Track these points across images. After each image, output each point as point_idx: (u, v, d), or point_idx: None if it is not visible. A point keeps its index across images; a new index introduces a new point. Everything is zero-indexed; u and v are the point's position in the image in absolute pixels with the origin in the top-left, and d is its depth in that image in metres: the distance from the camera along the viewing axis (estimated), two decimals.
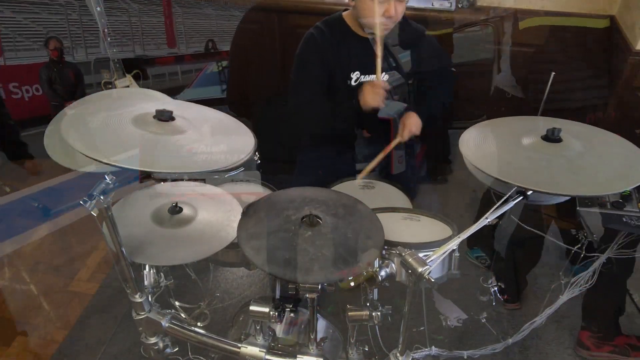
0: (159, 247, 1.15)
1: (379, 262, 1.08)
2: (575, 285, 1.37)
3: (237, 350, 1.09)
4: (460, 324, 1.57)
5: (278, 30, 2.59)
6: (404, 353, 1.06)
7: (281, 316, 1.09)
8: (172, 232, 1.19)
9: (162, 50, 7.95)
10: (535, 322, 1.36)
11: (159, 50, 8.24)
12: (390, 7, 1.39)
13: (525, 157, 1.03)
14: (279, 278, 1.04)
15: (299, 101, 1.59)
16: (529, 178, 0.95)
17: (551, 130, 1.05)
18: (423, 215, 1.35)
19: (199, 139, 1.03)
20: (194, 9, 10.57)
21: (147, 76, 3.26)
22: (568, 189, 0.94)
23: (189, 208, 1.26)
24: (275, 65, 2.58)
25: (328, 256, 0.96)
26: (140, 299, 1.12)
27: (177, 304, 1.38)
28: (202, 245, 1.15)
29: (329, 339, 1.24)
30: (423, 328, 1.36)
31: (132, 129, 0.97)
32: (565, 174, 0.97)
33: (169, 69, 6.89)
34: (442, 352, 1.21)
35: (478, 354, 1.25)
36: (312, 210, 1.07)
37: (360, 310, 1.09)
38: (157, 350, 1.18)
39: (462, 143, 1.11)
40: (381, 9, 1.39)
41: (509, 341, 1.32)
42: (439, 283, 1.16)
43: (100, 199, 0.94)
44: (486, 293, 1.36)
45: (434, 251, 0.98)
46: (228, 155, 1.01)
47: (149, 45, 8.51)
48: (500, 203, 0.99)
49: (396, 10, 1.40)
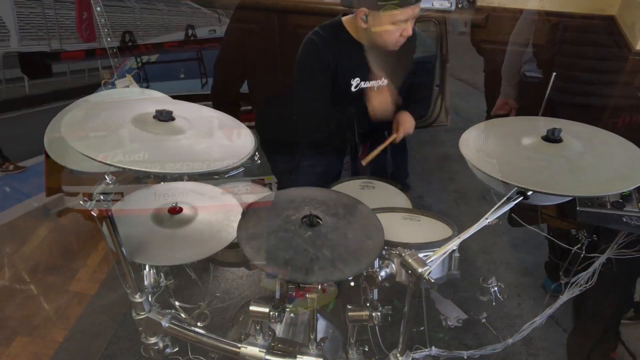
0: (159, 247, 1.15)
1: (379, 262, 1.08)
2: (575, 285, 1.37)
3: (237, 350, 1.09)
4: (460, 324, 1.57)
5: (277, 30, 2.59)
6: (404, 353, 1.06)
7: (281, 316, 1.09)
8: (172, 232, 1.19)
9: (83, 45, 7.49)
10: (535, 322, 1.35)
11: (80, 44, 7.65)
12: (408, 28, 1.39)
13: (525, 157, 1.03)
14: (279, 278, 1.04)
15: (303, 107, 1.59)
16: (529, 178, 0.95)
17: (551, 131, 1.04)
18: (423, 215, 1.35)
19: (199, 139, 1.03)
20: (115, 0, 9.89)
21: (51, 72, 2.91)
22: (568, 189, 0.93)
23: (189, 208, 1.26)
24: (274, 65, 2.59)
25: (328, 256, 0.96)
26: (140, 299, 1.12)
27: (177, 304, 1.38)
28: (202, 245, 1.15)
29: (329, 339, 1.24)
30: (423, 328, 1.36)
31: (132, 129, 0.97)
32: (565, 174, 0.97)
33: (90, 64, 6.04)
34: (442, 352, 1.21)
35: (478, 354, 1.25)
36: (312, 210, 1.07)
37: (360, 310, 1.09)
38: (157, 350, 1.18)
39: (462, 143, 1.11)
40: (399, 31, 1.39)
41: (509, 341, 1.31)
42: (439, 283, 1.16)
43: (100, 198, 0.94)
44: (486, 293, 1.36)
45: (434, 251, 0.98)
46: (228, 155, 1.01)
47: (68, 40, 7.74)
48: (501, 203, 0.99)
49: (411, 27, 1.41)
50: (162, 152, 0.95)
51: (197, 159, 0.96)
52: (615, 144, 1.08)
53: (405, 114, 1.60)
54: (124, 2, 10.23)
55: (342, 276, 0.94)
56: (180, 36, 2.98)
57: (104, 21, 1.87)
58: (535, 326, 1.35)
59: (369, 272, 1.05)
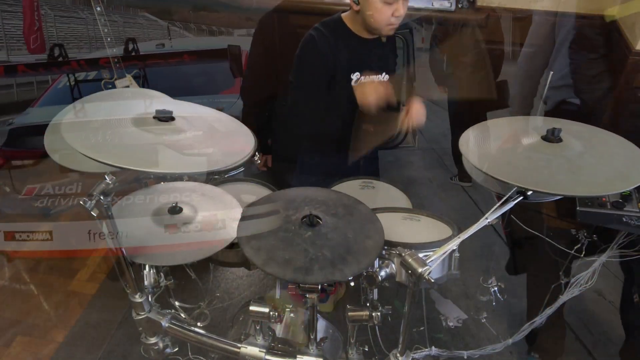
0: (159, 247, 1.15)
1: (379, 262, 1.08)
2: (575, 285, 1.37)
3: (237, 350, 1.08)
4: (460, 324, 1.57)
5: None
6: (404, 353, 1.06)
7: (281, 316, 1.09)
8: (172, 232, 1.19)
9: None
10: (535, 322, 1.35)
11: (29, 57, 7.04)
12: (400, 7, 1.40)
13: (525, 157, 1.03)
14: (279, 278, 1.04)
15: (298, 102, 1.59)
16: (529, 178, 0.95)
17: (551, 130, 1.05)
18: (423, 215, 1.35)
19: (199, 139, 1.03)
20: (70, 11, 9.67)
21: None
22: (568, 189, 0.94)
23: (189, 208, 1.26)
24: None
25: (328, 256, 0.96)
26: (140, 299, 1.12)
27: (177, 304, 1.38)
28: (202, 245, 1.15)
29: (329, 339, 1.24)
30: (423, 328, 1.36)
31: (132, 129, 0.97)
32: (565, 174, 0.97)
33: (20, 80, 5.50)
34: (442, 352, 1.21)
35: (478, 354, 1.25)
36: (312, 210, 1.07)
37: (360, 310, 1.09)
38: (157, 350, 1.18)
39: (462, 143, 1.11)
40: (390, 10, 1.40)
41: (509, 341, 1.32)
42: (439, 283, 1.16)
43: (100, 199, 0.94)
44: (486, 293, 1.36)
45: (434, 251, 0.98)
46: (228, 155, 1.01)
47: (19, 51, 7.37)
48: (501, 203, 0.99)
49: (403, 8, 1.42)
50: (162, 152, 0.95)
51: (197, 159, 0.97)
52: (615, 144, 1.08)
53: (416, 99, 1.55)
54: (76, 13, 10.02)
55: (342, 276, 0.94)
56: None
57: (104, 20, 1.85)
58: (535, 326, 1.35)
59: (369, 272, 1.05)
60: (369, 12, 1.43)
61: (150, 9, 4.09)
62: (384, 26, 1.45)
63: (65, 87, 2.93)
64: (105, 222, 0.99)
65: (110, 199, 0.97)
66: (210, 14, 8.22)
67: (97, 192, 0.94)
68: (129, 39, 2.54)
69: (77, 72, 2.75)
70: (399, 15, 1.41)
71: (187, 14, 8.20)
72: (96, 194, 0.94)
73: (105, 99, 1.24)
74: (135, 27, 11.33)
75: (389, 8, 1.40)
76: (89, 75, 2.94)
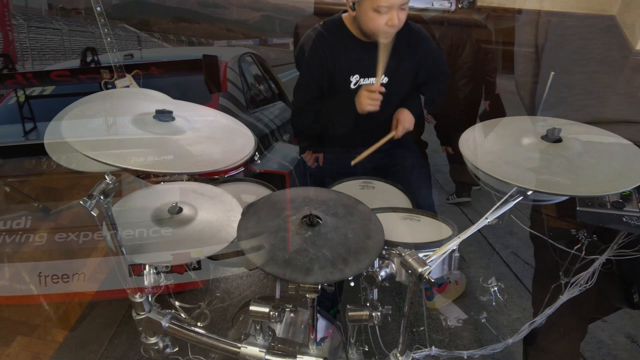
0: (159, 247, 1.15)
1: (379, 262, 1.08)
2: (575, 285, 1.36)
3: (237, 350, 1.09)
4: (460, 324, 1.57)
5: None
6: (404, 353, 1.06)
7: (281, 316, 1.09)
8: (172, 232, 1.19)
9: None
10: (535, 322, 1.35)
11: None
12: (393, 17, 1.39)
13: (525, 157, 1.03)
14: (279, 278, 1.04)
15: (298, 103, 1.59)
16: (529, 178, 0.95)
17: (551, 130, 1.05)
18: (423, 215, 1.35)
19: (199, 139, 1.03)
20: (45, 23, 9.41)
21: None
22: (568, 189, 0.94)
23: (189, 208, 1.26)
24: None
25: (328, 256, 0.96)
26: (140, 299, 1.12)
27: (177, 304, 1.38)
28: (202, 245, 1.15)
29: (329, 339, 1.24)
30: (423, 328, 1.36)
31: (132, 129, 0.97)
32: (565, 174, 0.97)
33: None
34: (442, 352, 1.21)
35: (478, 354, 1.25)
36: (312, 210, 1.07)
37: (360, 310, 1.09)
38: (157, 350, 1.18)
39: (462, 143, 1.11)
40: (383, 19, 1.39)
41: (509, 341, 1.31)
42: (439, 283, 1.16)
43: (100, 199, 0.94)
44: (486, 293, 1.36)
45: (434, 251, 0.98)
46: (228, 155, 1.01)
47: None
48: (501, 203, 0.99)
49: (399, 18, 1.40)
50: (162, 152, 0.95)
51: (197, 159, 0.97)
52: (614, 144, 1.08)
53: (405, 111, 1.58)
54: (52, 24, 9.92)
55: (342, 276, 0.94)
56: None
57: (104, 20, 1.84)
58: (535, 326, 1.35)
59: (369, 272, 1.05)
60: (362, 20, 1.42)
61: (129, 20, 4.04)
62: (379, 33, 1.43)
63: (14, 105, 2.45)
64: (105, 222, 0.99)
65: (110, 199, 0.97)
66: (191, 25, 8.16)
67: (97, 192, 0.94)
68: (87, 48, 2.30)
69: (25, 87, 2.34)
70: (393, 25, 1.40)
71: (167, 25, 8.15)
72: (96, 194, 0.94)
73: (106, 99, 1.24)
74: (114, 38, 11.27)
75: (381, 17, 1.38)
76: (46, 90, 2.47)
